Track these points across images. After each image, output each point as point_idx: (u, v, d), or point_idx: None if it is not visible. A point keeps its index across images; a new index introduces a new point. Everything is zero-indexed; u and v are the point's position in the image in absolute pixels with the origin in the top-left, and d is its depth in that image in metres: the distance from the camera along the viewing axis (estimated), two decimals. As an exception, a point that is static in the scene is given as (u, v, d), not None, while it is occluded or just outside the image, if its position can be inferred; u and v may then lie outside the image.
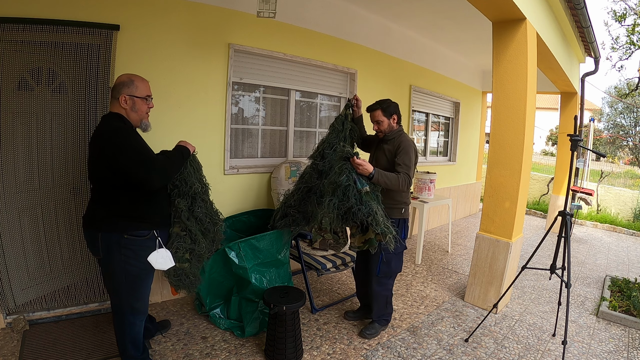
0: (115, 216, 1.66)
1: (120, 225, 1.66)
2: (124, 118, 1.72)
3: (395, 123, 2.46)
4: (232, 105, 3.14)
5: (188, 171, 1.88)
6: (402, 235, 2.43)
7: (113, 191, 1.64)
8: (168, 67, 2.63)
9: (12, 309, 2.36)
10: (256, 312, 2.42)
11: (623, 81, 16.05)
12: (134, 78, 1.74)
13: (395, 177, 2.28)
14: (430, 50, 5.09)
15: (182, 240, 1.85)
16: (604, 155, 2.50)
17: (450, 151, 6.32)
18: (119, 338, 1.84)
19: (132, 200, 1.66)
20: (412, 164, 2.32)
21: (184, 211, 1.83)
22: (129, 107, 1.72)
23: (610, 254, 5.03)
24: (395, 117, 2.45)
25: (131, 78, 1.74)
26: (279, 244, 2.60)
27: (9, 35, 2.08)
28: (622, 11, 7.46)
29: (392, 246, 2.16)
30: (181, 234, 1.85)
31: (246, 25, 3.01)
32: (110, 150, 1.57)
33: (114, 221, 1.65)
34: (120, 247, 1.66)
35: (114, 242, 1.66)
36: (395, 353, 2.36)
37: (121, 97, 1.70)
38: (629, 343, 2.65)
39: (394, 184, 2.27)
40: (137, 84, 1.74)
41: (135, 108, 1.74)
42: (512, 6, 2.51)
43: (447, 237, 5.10)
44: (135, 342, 1.86)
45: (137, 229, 1.68)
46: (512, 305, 3.14)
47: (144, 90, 1.77)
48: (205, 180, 2.03)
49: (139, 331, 1.86)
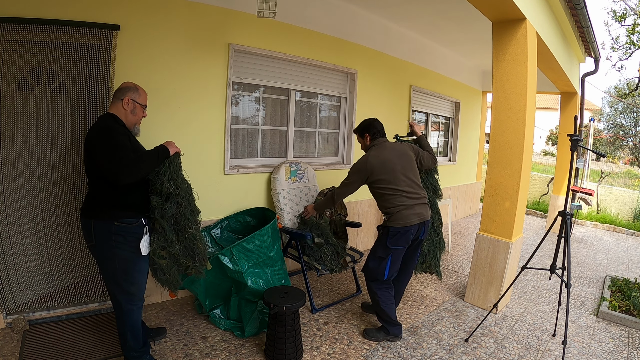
0: (106, 205, 1.80)
1: (111, 214, 1.80)
2: (118, 119, 1.86)
3: (369, 140, 2.55)
4: (232, 105, 3.14)
5: (164, 170, 1.90)
6: (385, 241, 2.37)
7: (102, 183, 1.78)
8: (168, 67, 2.63)
9: (12, 309, 2.36)
10: (256, 312, 2.42)
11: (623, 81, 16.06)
12: (138, 87, 1.95)
13: (325, 199, 2.81)
14: (430, 50, 5.09)
15: (158, 236, 1.92)
16: (604, 155, 2.50)
17: (450, 151, 6.32)
18: (120, 329, 1.93)
19: (121, 190, 1.79)
20: (350, 180, 2.51)
21: (157, 208, 1.89)
22: (129, 109, 1.89)
23: (610, 254, 5.03)
24: (367, 135, 2.54)
25: (136, 86, 1.95)
26: (268, 241, 2.58)
27: (9, 35, 2.08)
28: (622, 11, 7.46)
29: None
30: (158, 229, 1.92)
31: (246, 25, 3.01)
32: (91, 144, 1.74)
33: (105, 210, 1.80)
34: (111, 234, 1.80)
35: (105, 229, 1.80)
36: (395, 353, 2.36)
37: (125, 98, 1.87)
38: (629, 343, 2.65)
39: (329, 204, 2.78)
40: (140, 92, 1.95)
41: (134, 112, 1.92)
42: (512, 6, 2.51)
43: (447, 237, 5.09)
44: (134, 332, 1.94)
45: (126, 216, 1.82)
46: (512, 305, 3.14)
47: (144, 100, 1.97)
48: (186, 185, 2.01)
49: (137, 319, 1.95)
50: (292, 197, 3.28)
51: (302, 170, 3.41)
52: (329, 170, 3.91)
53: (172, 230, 1.95)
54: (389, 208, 2.39)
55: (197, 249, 2.04)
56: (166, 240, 1.93)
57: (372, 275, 2.46)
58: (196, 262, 2.04)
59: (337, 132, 4.12)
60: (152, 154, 1.86)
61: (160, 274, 2.00)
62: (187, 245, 2.01)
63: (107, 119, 1.83)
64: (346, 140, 4.12)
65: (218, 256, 2.37)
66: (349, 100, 4.05)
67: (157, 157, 1.87)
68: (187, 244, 2.01)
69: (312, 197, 3.42)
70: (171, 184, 1.90)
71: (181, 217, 1.96)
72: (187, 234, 1.99)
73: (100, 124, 1.79)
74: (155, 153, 1.88)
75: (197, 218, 2.07)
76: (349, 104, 4.05)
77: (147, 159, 1.83)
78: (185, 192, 1.99)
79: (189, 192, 2.03)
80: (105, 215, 1.80)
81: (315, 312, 2.81)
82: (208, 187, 2.94)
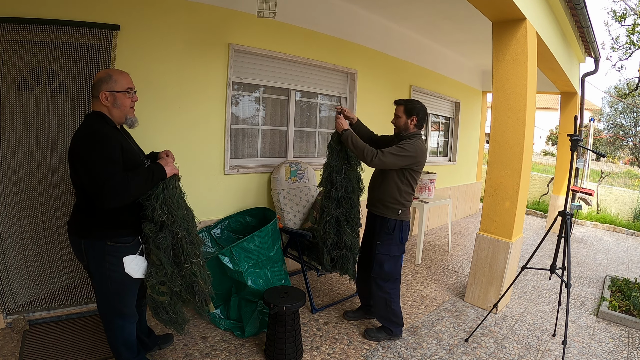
0: (97, 223, 1.59)
1: (102, 233, 1.60)
2: (105, 117, 1.62)
3: (413, 125, 2.39)
4: (232, 105, 3.14)
5: (156, 194, 1.63)
6: (399, 238, 2.38)
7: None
8: (168, 67, 2.63)
9: (12, 309, 2.36)
10: (256, 312, 2.42)
11: (623, 81, 16.06)
12: (112, 72, 1.64)
13: (362, 145, 2.26)
14: (430, 50, 5.09)
15: (156, 269, 1.68)
16: (604, 155, 2.50)
17: (450, 151, 6.32)
18: (111, 342, 1.79)
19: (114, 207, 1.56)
20: (397, 154, 2.25)
21: (151, 237, 1.65)
22: (110, 104, 1.62)
23: (610, 254, 5.03)
24: (414, 118, 2.38)
25: (109, 73, 1.63)
26: (268, 241, 2.58)
27: (9, 35, 2.08)
28: (622, 11, 7.46)
29: None
30: (155, 262, 1.68)
31: (246, 25, 3.01)
32: (74, 154, 1.52)
33: (97, 229, 1.59)
34: (104, 254, 1.61)
35: (97, 249, 1.60)
36: (395, 353, 2.36)
37: (101, 95, 1.60)
38: (629, 343, 2.65)
39: (358, 150, 2.26)
40: (115, 77, 1.62)
41: (117, 104, 1.63)
42: (512, 6, 2.51)
43: (447, 237, 5.10)
44: (128, 344, 1.80)
45: (121, 235, 1.62)
46: (512, 305, 3.14)
47: (124, 83, 1.65)
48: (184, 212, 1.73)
49: (131, 333, 1.80)
50: (292, 197, 3.28)
51: (302, 170, 3.41)
52: (329, 170, 3.90)
53: (172, 262, 1.71)
54: (406, 202, 2.39)
55: (197, 286, 1.77)
56: (165, 274, 1.69)
57: (389, 276, 2.40)
58: (197, 300, 1.80)
59: (337, 132, 4.12)
60: (146, 174, 1.60)
61: (162, 313, 1.77)
62: (187, 281, 1.76)
63: (94, 120, 1.60)
64: (346, 140, 4.12)
65: (218, 256, 2.37)
66: (349, 100, 4.05)
67: (152, 178, 1.61)
68: (187, 280, 1.76)
69: (312, 197, 3.42)
70: (164, 211, 1.63)
71: (179, 249, 1.70)
72: (184, 269, 1.72)
73: (86, 129, 1.55)
74: (150, 173, 1.61)
75: (198, 251, 1.79)
76: (349, 104, 4.05)
77: (138, 181, 1.56)
78: (183, 220, 1.71)
79: (188, 220, 1.75)
80: (96, 235, 1.59)
81: (315, 312, 2.81)
82: (208, 187, 2.95)
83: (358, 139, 2.31)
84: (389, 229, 2.37)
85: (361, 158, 2.30)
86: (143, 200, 1.63)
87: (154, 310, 1.76)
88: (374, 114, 4.27)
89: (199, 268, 1.76)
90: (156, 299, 1.72)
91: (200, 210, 2.90)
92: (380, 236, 2.40)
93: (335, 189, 2.49)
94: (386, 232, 2.38)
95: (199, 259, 1.77)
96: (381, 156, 2.23)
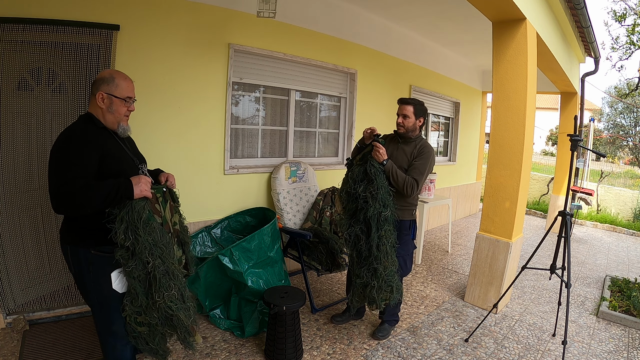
0: (82, 228, 1.47)
1: (87, 240, 1.47)
2: (94, 119, 1.51)
3: (419, 126, 2.41)
4: (232, 105, 3.14)
5: (121, 216, 1.42)
6: (412, 236, 2.46)
7: None
8: (168, 67, 2.63)
9: (12, 309, 2.36)
10: (256, 312, 2.42)
11: (623, 81, 16.04)
12: (116, 75, 1.53)
13: (403, 177, 2.24)
14: (430, 50, 5.09)
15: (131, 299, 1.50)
16: (604, 155, 2.50)
17: (450, 151, 6.32)
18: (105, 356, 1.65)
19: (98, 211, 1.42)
20: (425, 172, 2.30)
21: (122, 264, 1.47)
22: (105, 106, 1.51)
23: (610, 254, 5.03)
24: (422, 120, 2.40)
25: (113, 75, 1.52)
26: (268, 241, 2.58)
27: (9, 35, 2.08)
28: (622, 11, 7.46)
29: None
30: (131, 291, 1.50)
31: (246, 25, 3.01)
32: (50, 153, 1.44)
33: (81, 234, 1.47)
34: (89, 264, 1.48)
35: (82, 257, 1.48)
36: (395, 353, 2.36)
37: (98, 95, 1.49)
38: (629, 343, 2.65)
39: (399, 183, 2.23)
40: (118, 82, 1.52)
41: (112, 109, 1.52)
42: (512, 6, 2.51)
43: (447, 237, 5.10)
44: None
45: (106, 243, 1.45)
46: (512, 305, 3.14)
47: (125, 91, 1.54)
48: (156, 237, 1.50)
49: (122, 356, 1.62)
50: (292, 197, 3.28)
51: (302, 170, 3.41)
52: (329, 170, 3.91)
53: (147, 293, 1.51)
54: (417, 202, 2.48)
55: (177, 320, 1.55)
56: (140, 305, 1.51)
57: (406, 272, 2.49)
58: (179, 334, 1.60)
59: (337, 132, 4.12)
60: (109, 188, 1.39)
61: (142, 343, 1.59)
62: (164, 314, 1.53)
63: (80, 121, 1.50)
64: (346, 140, 4.12)
65: (218, 256, 2.37)
66: (349, 100, 4.05)
67: (115, 195, 1.39)
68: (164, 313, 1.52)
69: (312, 197, 3.42)
70: (128, 236, 1.42)
71: (153, 280, 1.48)
72: (157, 303, 1.48)
73: (66, 130, 1.46)
74: (114, 188, 1.39)
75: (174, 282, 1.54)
76: (349, 104, 4.05)
77: (99, 193, 1.37)
78: (154, 246, 1.47)
79: (162, 248, 1.50)
80: (80, 241, 1.47)
81: (315, 312, 2.81)
82: (208, 187, 2.95)
83: (398, 170, 2.25)
84: (406, 229, 2.42)
85: (400, 188, 2.25)
86: (109, 222, 1.44)
87: (133, 339, 1.60)
88: (375, 114, 4.27)
89: (174, 302, 1.52)
90: (134, 328, 1.55)
91: (200, 210, 2.92)
92: (400, 238, 2.32)
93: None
94: (404, 234, 2.41)
95: (174, 291, 1.53)
96: (414, 183, 2.25)
